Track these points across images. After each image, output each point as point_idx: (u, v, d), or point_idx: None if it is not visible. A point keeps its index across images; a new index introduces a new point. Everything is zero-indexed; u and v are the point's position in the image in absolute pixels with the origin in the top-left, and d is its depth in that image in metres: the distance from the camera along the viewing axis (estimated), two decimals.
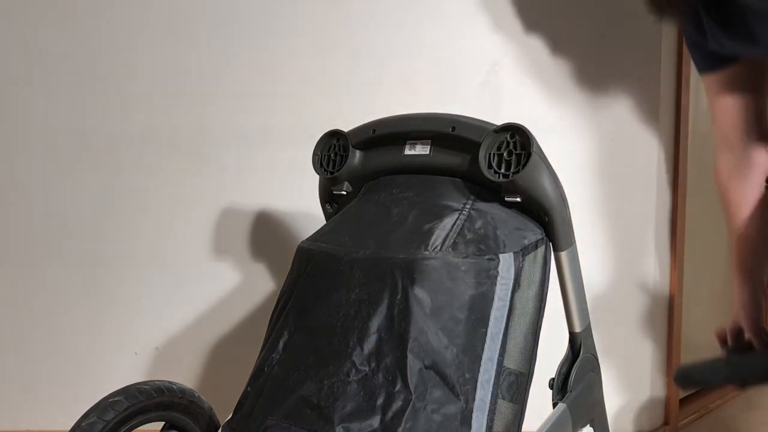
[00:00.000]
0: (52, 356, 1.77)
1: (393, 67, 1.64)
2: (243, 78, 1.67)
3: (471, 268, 0.95)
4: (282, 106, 1.67)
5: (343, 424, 0.89)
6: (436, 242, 0.97)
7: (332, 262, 1.03)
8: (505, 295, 0.96)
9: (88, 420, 0.99)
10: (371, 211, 1.09)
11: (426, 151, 1.10)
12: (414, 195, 1.07)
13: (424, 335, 0.92)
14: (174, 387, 1.09)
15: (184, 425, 1.11)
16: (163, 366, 1.76)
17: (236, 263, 1.73)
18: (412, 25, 1.63)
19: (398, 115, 1.15)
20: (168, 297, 1.74)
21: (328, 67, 1.66)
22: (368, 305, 0.96)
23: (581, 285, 1.09)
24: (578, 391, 1.08)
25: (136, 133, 1.70)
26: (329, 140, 1.21)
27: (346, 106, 1.66)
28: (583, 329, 1.10)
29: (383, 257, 0.98)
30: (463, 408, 0.90)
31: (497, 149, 1.01)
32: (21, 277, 1.76)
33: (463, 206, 1.03)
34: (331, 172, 1.19)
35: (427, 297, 0.93)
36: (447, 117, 1.07)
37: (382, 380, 0.91)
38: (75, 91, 1.70)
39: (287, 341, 1.03)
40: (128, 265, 1.74)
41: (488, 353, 0.94)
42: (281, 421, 0.94)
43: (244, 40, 1.66)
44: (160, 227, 1.72)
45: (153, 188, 1.71)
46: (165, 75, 1.68)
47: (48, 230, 1.74)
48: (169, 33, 1.67)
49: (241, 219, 1.71)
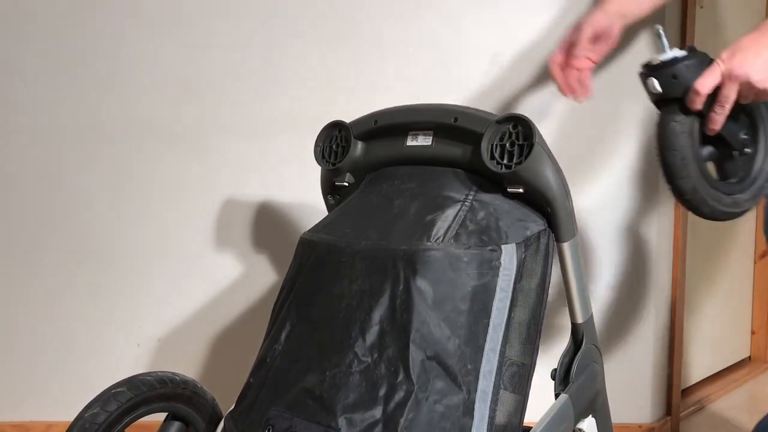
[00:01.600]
0: (55, 348, 1.78)
1: (395, 58, 1.64)
2: (244, 69, 1.67)
3: (473, 259, 0.95)
4: (284, 97, 1.67)
5: (345, 415, 0.89)
6: (438, 233, 0.97)
7: (334, 253, 1.03)
8: (508, 286, 0.96)
9: (92, 411, 0.99)
10: (373, 202, 1.09)
11: (428, 142, 1.10)
12: (416, 186, 1.07)
13: (426, 326, 0.92)
14: (177, 378, 1.10)
15: (187, 416, 1.12)
16: (166, 357, 1.76)
17: (238, 255, 1.73)
18: (414, 16, 1.62)
19: (400, 106, 1.15)
20: (170, 289, 1.75)
21: (330, 58, 1.65)
22: (370, 296, 0.96)
23: (583, 276, 1.09)
24: (580, 382, 1.08)
25: (137, 125, 1.69)
26: (331, 131, 1.21)
27: (348, 97, 1.65)
28: (585, 320, 1.10)
29: (385, 248, 0.98)
30: (466, 399, 0.90)
31: (499, 140, 1.01)
32: (23, 269, 1.76)
33: (465, 197, 1.03)
34: (333, 163, 1.19)
35: (429, 288, 0.93)
36: (449, 108, 1.07)
37: (384, 371, 0.91)
38: (76, 83, 1.69)
39: (289, 332, 1.03)
40: (130, 257, 1.74)
41: (490, 344, 0.94)
42: (284, 412, 0.95)
43: (246, 30, 1.66)
44: (162, 219, 1.72)
45: (155, 180, 1.71)
46: (167, 67, 1.68)
47: (50, 222, 1.74)
48: (170, 24, 1.67)
49: (243, 211, 1.71)
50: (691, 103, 0.98)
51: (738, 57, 0.95)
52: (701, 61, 0.98)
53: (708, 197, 1.02)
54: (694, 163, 0.99)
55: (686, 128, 0.99)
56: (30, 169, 1.73)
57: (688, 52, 0.99)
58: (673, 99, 0.99)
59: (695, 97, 0.97)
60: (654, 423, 1.74)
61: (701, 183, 1.01)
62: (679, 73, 0.97)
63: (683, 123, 0.99)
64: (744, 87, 0.96)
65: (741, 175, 1.09)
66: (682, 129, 0.98)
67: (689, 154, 0.99)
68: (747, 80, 0.95)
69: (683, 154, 0.98)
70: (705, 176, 1.01)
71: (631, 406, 1.74)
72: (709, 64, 0.98)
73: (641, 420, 1.74)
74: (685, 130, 0.99)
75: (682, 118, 0.99)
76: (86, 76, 1.69)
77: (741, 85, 0.96)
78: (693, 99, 0.97)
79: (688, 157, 0.98)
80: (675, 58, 0.98)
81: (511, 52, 1.62)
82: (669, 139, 0.98)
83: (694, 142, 0.99)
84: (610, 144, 1.65)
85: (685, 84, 0.97)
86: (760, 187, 1.10)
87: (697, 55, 0.99)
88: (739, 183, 1.09)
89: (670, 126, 0.99)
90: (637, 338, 1.71)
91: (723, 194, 1.04)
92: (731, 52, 0.96)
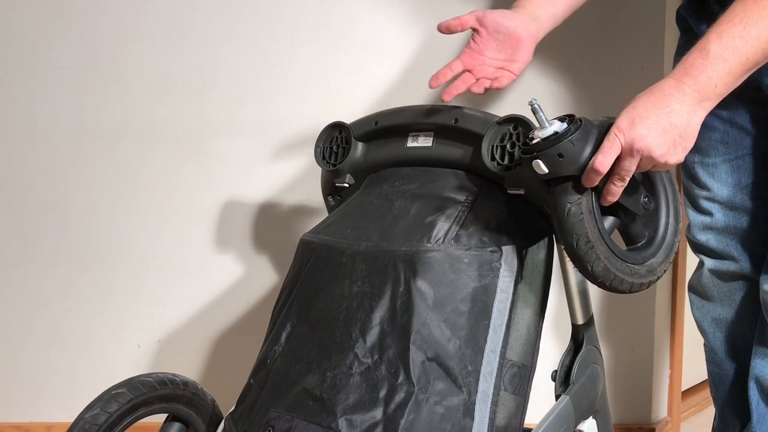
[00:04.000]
0: (55, 349, 1.78)
1: (395, 59, 1.64)
2: (243, 70, 1.67)
3: (473, 260, 0.95)
4: (283, 98, 1.67)
5: (345, 416, 0.89)
6: (439, 234, 0.97)
7: (334, 254, 1.03)
8: (508, 287, 0.96)
9: (92, 412, 0.99)
10: (373, 203, 1.09)
11: (429, 143, 1.10)
12: (416, 187, 1.07)
13: (426, 327, 0.92)
14: (177, 379, 1.10)
15: (187, 417, 1.12)
16: (166, 358, 1.76)
17: (238, 256, 1.73)
18: (413, 16, 1.62)
19: (401, 106, 1.15)
20: (170, 290, 1.74)
21: (329, 59, 1.65)
22: (370, 297, 0.96)
23: (584, 277, 1.09)
24: (581, 383, 1.08)
25: (136, 125, 1.69)
26: (331, 132, 1.21)
27: (348, 98, 1.65)
28: (585, 321, 1.10)
29: (385, 249, 0.98)
30: (466, 400, 0.90)
31: (500, 141, 1.01)
32: (22, 270, 1.76)
33: (465, 198, 1.03)
34: (333, 164, 1.19)
35: (429, 289, 0.93)
36: (450, 109, 1.07)
37: (385, 372, 0.91)
38: (73, 84, 1.69)
39: (290, 333, 1.03)
40: (130, 258, 1.74)
41: (491, 345, 0.94)
42: (284, 413, 0.95)
43: (244, 32, 1.66)
44: (162, 220, 1.72)
45: (154, 181, 1.71)
46: (164, 67, 1.67)
47: (48, 223, 1.74)
48: (168, 25, 1.67)
49: (243, 211, 1.71)
50: (589, 182, 0.88)
51: (638, 128, 0.85)
52: (586, 132, 0.88)
53: (623, 274, 0.94)
54: (600, 242, 0.91)
55: (584, 208, 0.89)
56: (29, 169, 1.73)
57: (568, 123, 0.89)
58: (563, 177, 0.89)
59: (594, 177, 0.87)
60: (654, 424, 1.74)
61: (613, 260, 0.92)
62: (565, 152, 0.87)
63: (579, 204, 0.89)
64: (645, 160, 0.87)
65: (649, 235, 1.02)
66: (579, 210, 0.89)
67: (593, 235, 0.90)
68: (649, 155, 0.85)
69: (587, 238, 0.89)
70: (614, 251, 0.93)
71: (632, 407, 1.74)
72: (596, 133, 0.88)
73: (642, 421, 1.74)
74: (583, 210, 0.89)
75: (577, 199, 0.89)
76: (86, 77, 1.69)
77: (642, 158, 0.86)
78: (592, 178, 0.87)
79: (593, 238, 0.90)
80: (556, 134, 0.88)
81: None
82: (568, 224, 0.89)
83: (595, 221, 0.90)
84: None
85: (574, 161, 0.87)
86: (670, 244, 1.02)
87: (578, 124, 0.88)
88: (648, 244, 1.01)
89: (567, 209, 0.89)
90: (637, 339, 1.71)
91: (637, 265, 0.96)
92: (629, 122, 0.86)
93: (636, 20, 1.60)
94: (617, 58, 1.61)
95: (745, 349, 1.28)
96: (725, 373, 1.32)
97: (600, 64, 1.61)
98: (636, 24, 1.60)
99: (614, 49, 1.61)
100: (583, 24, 1.60)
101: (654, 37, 1.61)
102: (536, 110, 0.90)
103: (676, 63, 1.30)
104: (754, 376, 1.22)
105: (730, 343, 1.31)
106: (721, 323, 1.31)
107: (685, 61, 0.89)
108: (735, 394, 1.32)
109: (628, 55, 1.61)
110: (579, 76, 1.62)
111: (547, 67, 1.62)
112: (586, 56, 1.61)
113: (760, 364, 1.21)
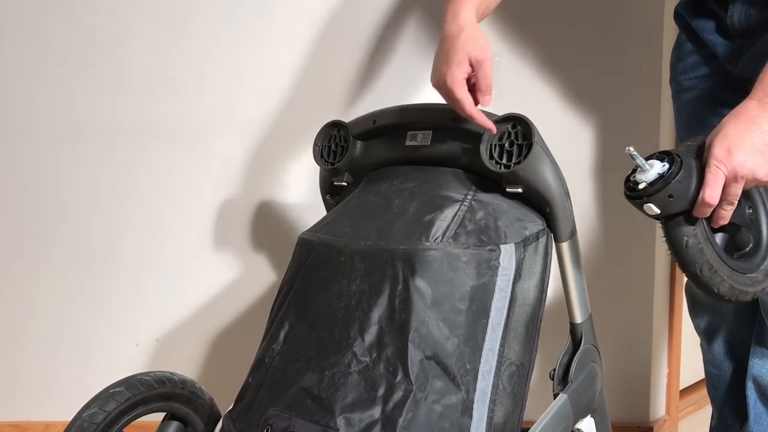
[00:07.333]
0: (53, 348, 1.77)
1: (394, 58, 1.64)
2: (241, 68, 1.66)
3: (472, 259, 0.95)
4: (281, 96, 1.66)
5: (344, 415, 0.89)
6: (437, 233, 0.97)
7: (333, 253, 1.03)
8: (506, 286, 0.96)
9: (90, 411, 0.99)
10: (372, 202, 1.09)
11: (427, 142, 1.10)
12: (415, 186, 1.07)
13: (425, 326, 0.92)
14: (175, 378, 1.10)
15: (186, 416, 1.12)
16: (164, 357, 1.76)
17: (237, 254, 1.73)
18: (412, 15, 1.62)
19: (399, 105, 1.15)
20: (168, 288, 1.74)
21: (328, 58, 1.65)
22: (369, 296, 0.96)
23: (582, 276, 1.09)
24: (579, 382, 1.08)
25: (133, 124, 1.69)
26: (330, 131, 1.21)
27: (347, 97, 1.65)
28: (583, 320, 1.10)
29: (384, 248, 0.98)
30: (464, 398, 0.91)
31: (498, 140, 1.01)
32: (20, 270, 1.76)
33: (464, 197, 1.03)
34: (331, 163, 1.19)
35: (427, 288, 0.93)
36: (448, 108, 1.07)
37: (383, 371, 0.91)
38: (71, 82, 1.69)
39: (288, 332, 1.03)
40: (128, 256, 1.74)
41: (489, 344, 0.94)
42: (282, 412, 0.95)
43: (242, 29, 1.65)
44: (159, 218, 1.72)
45: (152, 179, 1.71)
46: (162, 65, 1.67)
47: (46, 222, 1.74)
48: (166, 22, 1.66)
49: (242, 210, 1.71)
50: (702, 215, 0.91)
51: (736, 156, 0.88)
52: (689, 168, 0.90)
53: (746, 287, 0.97)
54: (721, 264, 0.94)
55: (700, 238, 0.92)
56: (27, 169, 1.73)
57: (668, 162, 0.92)
58: (674, 213, 0.92)
59: (706, 209, 0.91)
60: (652, 423, 1.74)
61: (735, 277, 0.96)
62: (674, 192, 0.89)
63: (695, 235, 0.92)
64: (749, 182, 0.91)
65: (755, 239, 1.04)
66: (696, 241, 0.92)
67: (714, 261, 0.93)
68: (753, 178, 0.89)
69: (709, 264, 0.93)
70: (734, 269, 0.96)
71: (630, 405, 1.74)
72: (698, 166, 0.91)
73: (640, 420, 1.74)
74: (700, 240, 0.92)
75: (692, 230, 0.92)
76: (85, 76, 1.68)
77: (747, 182, 0.90)
78: (704, 211, 0.91)
79: (714, 264, 0.93)
80: (661, 176, 0.91)
81: (512, 52, 1.62)
82: (689, 256, 0.92)
83: (712, 246, 0.94)
84: (610, 143, 1.65)
85: (683, 198, 0.90)
86: None
87: (679, 162, 0.91)
88: (756, 249, 1.03)
89: (685, 243, 0.92)
90: (635, 338, 1.71)
91: (754, 273, 0.99)
92: (725, 151, 0.89)
93: (634, 18, 1.60)
94: (615, 56, 1.60)
95: (743, 350, 1.28)
96: (723, 374, 1.33)
97: (598, 63, 1.61)
98: (634, 22, 1.60)
99: (612, 47, 1.61)
100: (581, 22, 1.60)
101: (652, 36, 1.60)
102: (635, 156, 0.92)
103: (673, 59, 1.30)
104: (752, 376, 1.22)
105: (727, 344, 1.31)
106: (718, 325, 1.31)
107: (763, 80, 0.92)
108: (733, 395, 1.32)
109: (626, 54, 1.61)
110: (577, 75, 1.62)
111: (545, 65, 1.62)
112: (585, 54, 1.61)
113: (758, 364, 1.21)
